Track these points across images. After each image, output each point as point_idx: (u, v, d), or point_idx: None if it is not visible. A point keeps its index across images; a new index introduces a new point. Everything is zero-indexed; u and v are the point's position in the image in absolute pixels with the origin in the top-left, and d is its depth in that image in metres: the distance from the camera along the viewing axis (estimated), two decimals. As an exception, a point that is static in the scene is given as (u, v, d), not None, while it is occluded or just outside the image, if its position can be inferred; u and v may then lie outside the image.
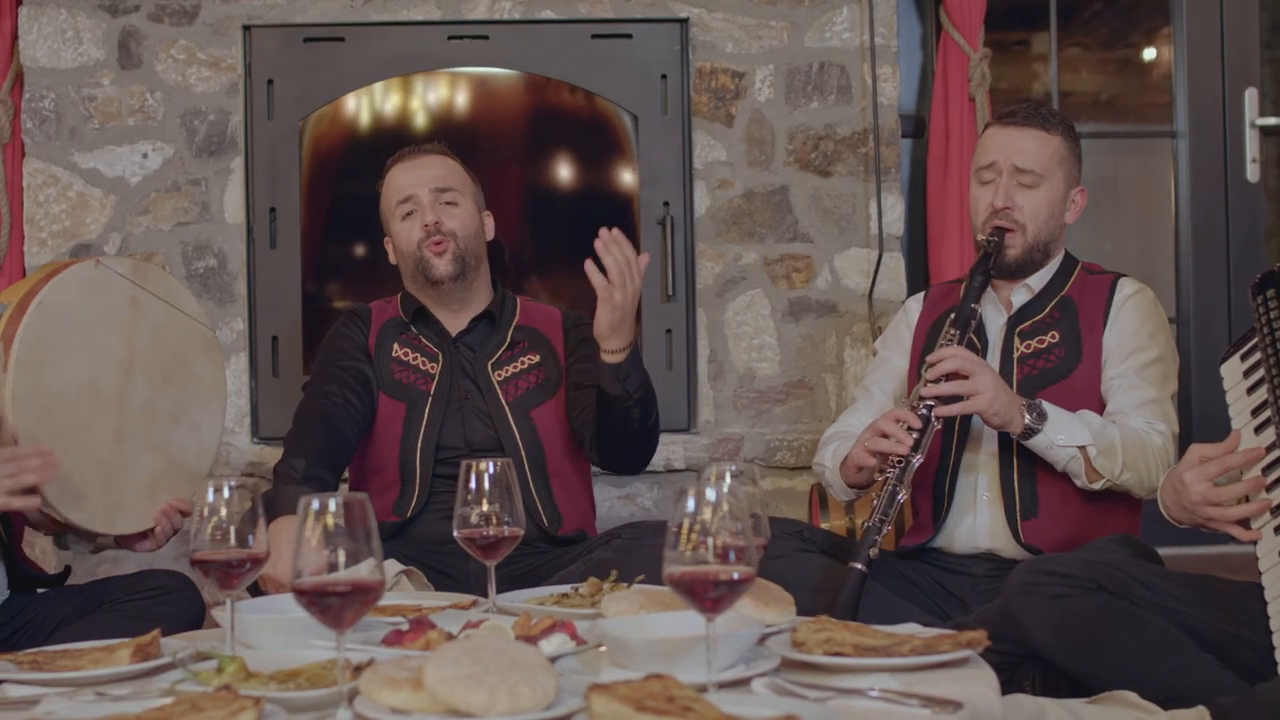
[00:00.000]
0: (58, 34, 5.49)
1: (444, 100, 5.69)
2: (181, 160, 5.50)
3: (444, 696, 2.18)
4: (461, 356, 4.19)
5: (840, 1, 5.57)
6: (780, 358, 5.57)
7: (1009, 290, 4.03)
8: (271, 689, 2.38)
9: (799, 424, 5.54)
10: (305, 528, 2.27)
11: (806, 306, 5.57)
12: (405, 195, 4.20)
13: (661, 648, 2.46)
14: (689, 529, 2.30)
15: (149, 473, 3.68)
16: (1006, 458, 3.88)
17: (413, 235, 4.17)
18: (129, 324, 3.65)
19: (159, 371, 3.71)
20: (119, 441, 3.61)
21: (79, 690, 2.53)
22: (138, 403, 3.66)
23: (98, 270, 3.62)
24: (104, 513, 3.59)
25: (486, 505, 3.00)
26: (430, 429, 4.10)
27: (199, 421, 3.82)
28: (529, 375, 4.18)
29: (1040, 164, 3.93)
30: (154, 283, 3.73)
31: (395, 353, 4.20)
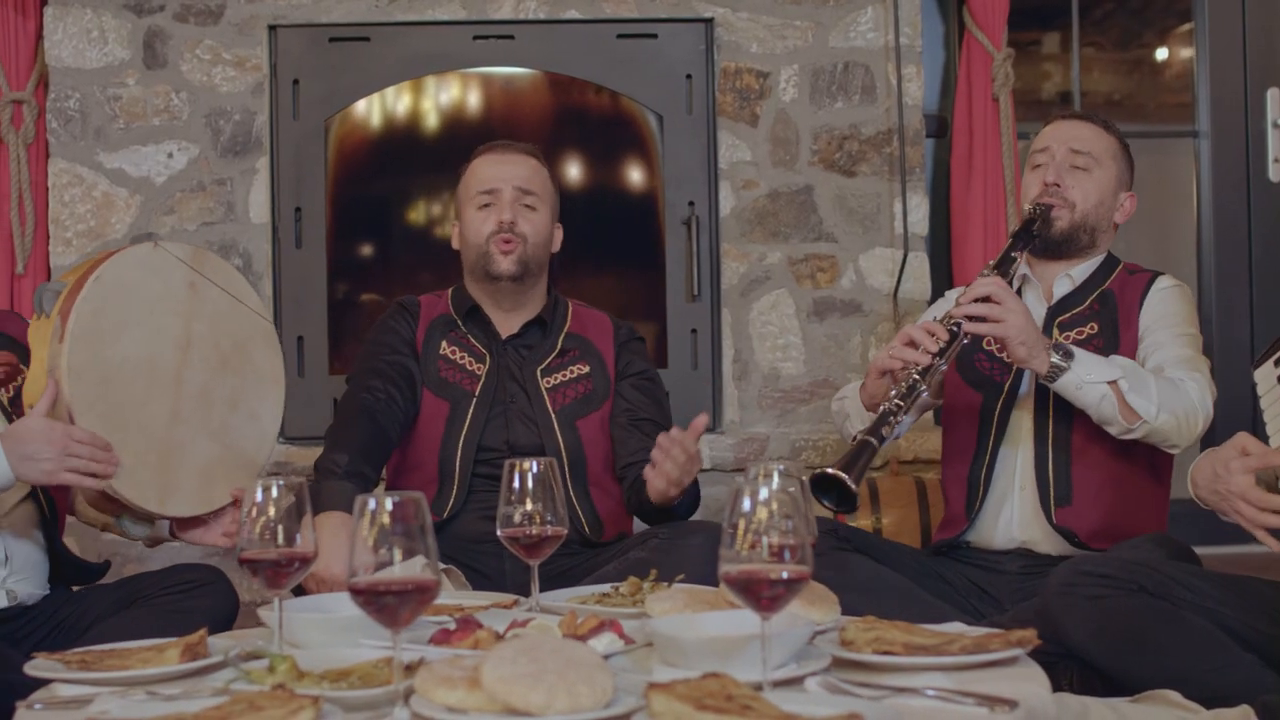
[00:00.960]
0: (83, 34, 5.50)
1: (469, 100, 5.69)
2: (206, 160, 5.50)
3: (502, 695, 2.18)
4: (510, 359, 4.17)
5: (864, 1, 5.57)
6: (805, 357, 5.57)
7: (1051, 279, 4.05)
8: (325, 688, 2.38)
9: (824, 424, 5.54)
10: (361, 526, 2.26)
11: (831, 306, 5.57)
12: (488, 187, 4.16)
13: (715, 646, 2.47)
14: (744, 529, 2.30)
15: (205, 457, 3.67)
16: (1042, 444, 3.88)
17: (484, 227, 4.14)
18: (187, 307, 3.65)
19: (217, 357, 3.71)
20: (175, 422, 3.61)
21: (130, 690, 2.52)
22: (195, 385, 3.66)
23: (156, 252, 3.63)
24: (157, 491, 3.58)
25: (530, 504, 3.00)
26: (473, 430, 4.08)
27: (258, 411, 3.81)
28: (577, 385, 4.17)
29: (1094, 148, 4.00)
30: (212, 271, 3.73)
31: (443, 350, 4.19)
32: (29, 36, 5.60)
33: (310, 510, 2.69)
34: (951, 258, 5.76)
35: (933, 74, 5.93)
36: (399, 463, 4.17)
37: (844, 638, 2.63)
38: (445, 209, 5.66)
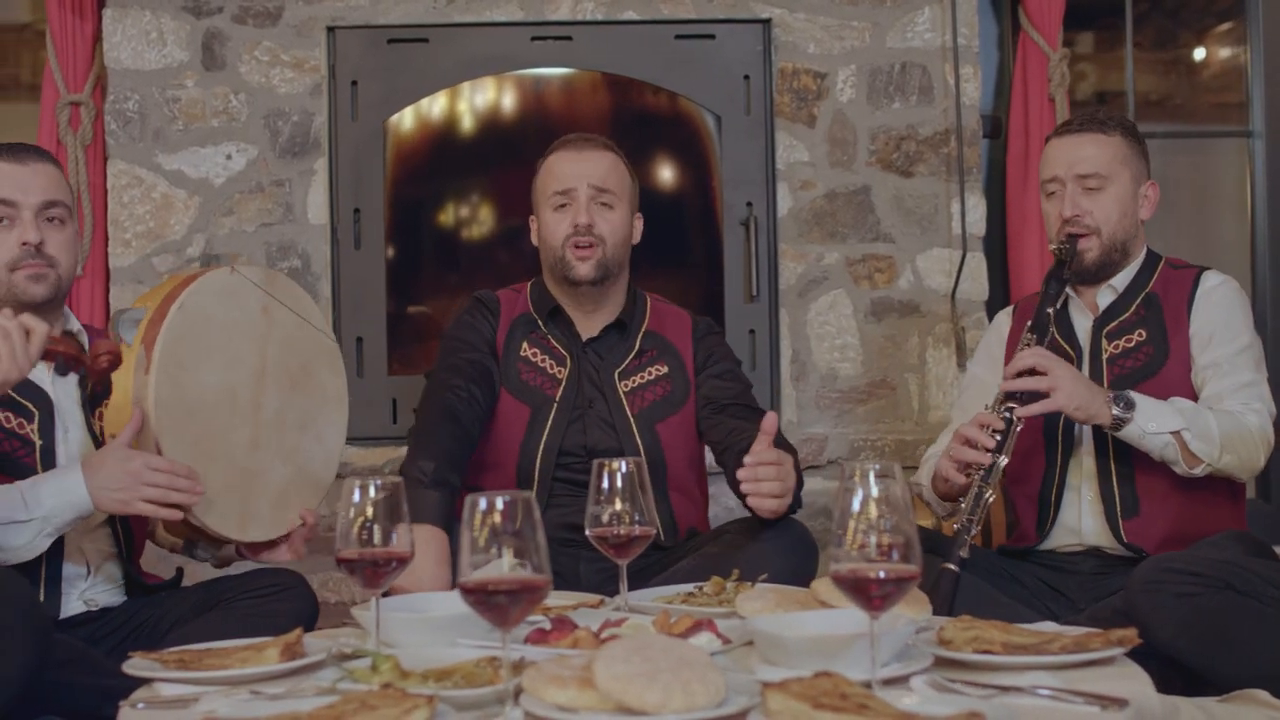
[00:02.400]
0: (142, 36, 5.51)
1: (527, 101, 5.69)
2: (265, 161, 5.52)
3: (617, 694, 2.18)
4: (589, 362, 4.13)
5: (922, 1, 5.57)
6: (862, 358, 5.57)
7: (1093, 293, 4.02)
8: (431, 688, 2.38)
9: (881, 424, 5.54)
10: (471, 526, 2.26)
11: (889, 307, 5.57)
12: (564, 187, 4.09)
13: (820, 645, 2.46)
14: (853, 528, 2.30)
15: (279, 481, 3.66)
16: (1104, 459, 3.86)
17: (560, 229, 4.07)
18: (262, 332, 3.64)
19: (287, 380, 3.70)
20: (254, 449, 3.60)
21: (233, 689, 2.53)
22: (270, 411, 3.64)
23: (233, 277, 3.61)
24: (238, 520, 3.57)
25: (619, 504, 2.99)
26: (553, 435, 4.04)
27: (324, 432, 3.80)
28: (656, 387, 4.12)
29: (1102, 165, 3.94)
30: (283, 292, 3.71)
31: (524, 352, 4.13)
32: (86, 39, 5.63)
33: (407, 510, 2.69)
34: (1007, 258, 5.74)
35: (987, 74, 5.92)
36: (475, 460, 4.08)
37: (942, 637, 2.63)
38: (503, 209, 5.67)
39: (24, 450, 3.50)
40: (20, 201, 3.56)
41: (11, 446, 3.48)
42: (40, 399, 3.55)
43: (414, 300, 5.72)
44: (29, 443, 3.51)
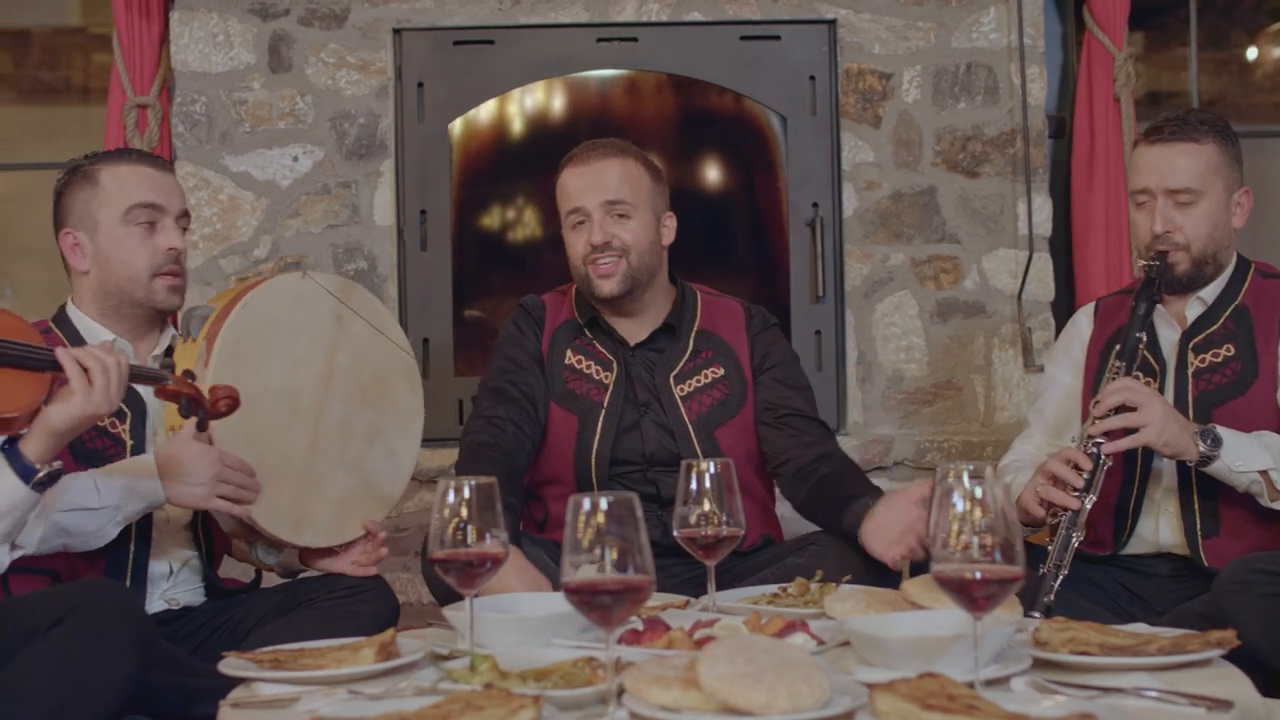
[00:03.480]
0: (209, 38, 5.54)
1: (592, 102, 5.70)
2: (331, 163, 5.54)
3: (723, 695, 2.18)
4: (640, 366, 4.06)
5: (987, 2, 5.56)
6: (928, 359, 5.56)
7: (1181, 304, 3.91)
8: (531, 687, 2.39)
9: (947, 425, 5.53)
10: (576, 527, 2.27)
11: (954, 307, 5.56)
12: (575, 205, 3.99)
13: (921, 646, 2.46)
14: (956, 530, 2.30)
15: (341, 489, 3.67)
16: (1186, 476, 3.78)
17: (578, 248, 3.99)
18: (332, 339, 3.65)
19: (358, 391, 3.71)
20: (313, 453, 3.62)
21: (331, 689, 2.53)
22: (334, 418, 3.66)
23: (304, 282, 3.62)
24: (292, 523, 3.58)
25: (707, 505, 2.99)
26: (604, 442, 3.98)
27: (395, 447, 3.80)
28: (713, 390, 4.03)
29: (1194, 179, 3.80)
30: (359, 303, 3.72)
31: (569, 359, 4.06)
32: (153, 41, 5.66)
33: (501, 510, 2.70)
34: (1073, 259, 5.72)
35: (1050, 74, 5.90)
36: (536, 475, 4.06)
37: (1038, 638, 2.62)
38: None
39: (114, 449, 3.52)
40: (166, 207, 3.57)
41: (102, 444, 3.50)
42: (134, 400, 3.56)
43: (480, 301, 5.74)
44: (120, 442, 3.53)
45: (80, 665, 2.81)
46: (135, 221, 3.54)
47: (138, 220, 3.54)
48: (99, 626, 2.86)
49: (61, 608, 2.86)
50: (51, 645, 2.82)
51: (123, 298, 3.55)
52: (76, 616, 2.85)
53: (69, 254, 3.60)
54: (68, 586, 3.06)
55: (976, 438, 5.41)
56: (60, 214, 3.62)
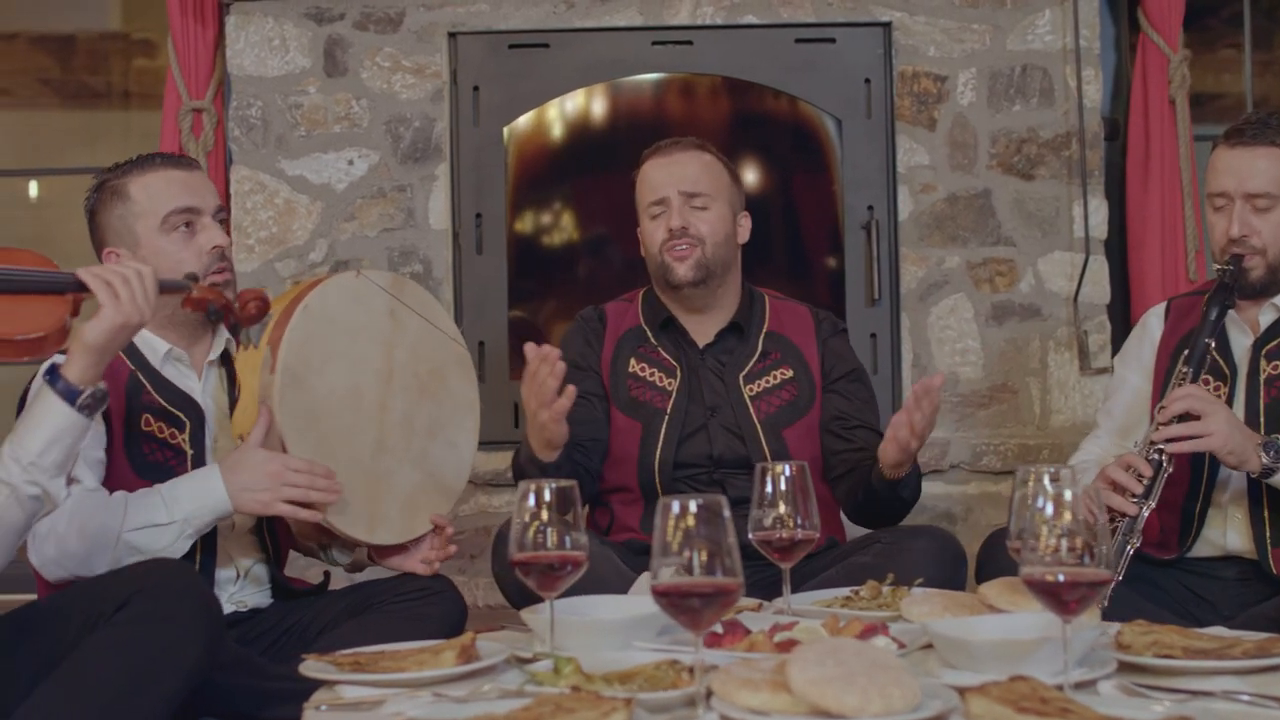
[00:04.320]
0: (264, 43, 5.56)
1: (647, 105, 5.70)
2: (387, 167, 5.55)
3: (814, 698, 2.18)
4: (709, 367, 4.09)
5: (1042, 4, 5.54)
6: (984, 362, 5.54)
7: (1255, 310, 3.87)
8: (617, 690, 2.39)
9: (1003, 428, 5.52)
10: (664, 530, 2.27)
11: (1010, 310, 5.54)
12: (657, 196, 4.08)
13: (1007, 649, 2.46)
14: (1046, 533, 2.30)
15: (408, 485, 3.68)
16: (1255, 483, 3.73)
17: (657, 236, 4.06)
18: (388, 336, 3.66)
19: (416, 385, 3.72)
20: (380, 451, 3.63)
21: (414, 691, 2.54)
22: (397, 414, 3.67)
23: (359, 281, 3.63)
24: (366, 522, 3.59)
25: (783, 508, 2.99)
26: (667, 449, 4.01)
27: (455, 438, 3.81)
28: (782, 391, 4.08)
29: (1274, 184, 3.76)
30: (411, 297, 3.73)
31: (632, 368, 4.11)
32: (208, 45, 5.68)
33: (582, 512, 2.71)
34: (1128, 262, 5.70)
35: (1104, 76, 5.87)
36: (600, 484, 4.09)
37: (1121, 641, 2.62)
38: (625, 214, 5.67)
39: (176, 460, 3.51)
40: (202, 206, 3.56)
41: (164, 456, 3.49)
42: (191, 409, 3.56)
43: (536, 304, 5.74)
44: (180, 452, 3.52)
45: (148, 648, 2.81)
46: (174, 228, 3.51)
47: (176, 226, 3.51)
48: (166, 608, 2.85)
49: (127, 590, 2.86)
50: (118, 629, 2.81)
51: (175, 306, 3.54)
52: (143, 599, 2.84)
53: None
54: (133, 569, 3.04)
55: (1032, 441, 5.40)
56: (98, 233, 3.59)
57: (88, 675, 2.78)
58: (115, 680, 2.78)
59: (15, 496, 2.95)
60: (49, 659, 2.82)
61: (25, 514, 2.98)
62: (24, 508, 2.97)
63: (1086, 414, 5.44)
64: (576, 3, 5.56)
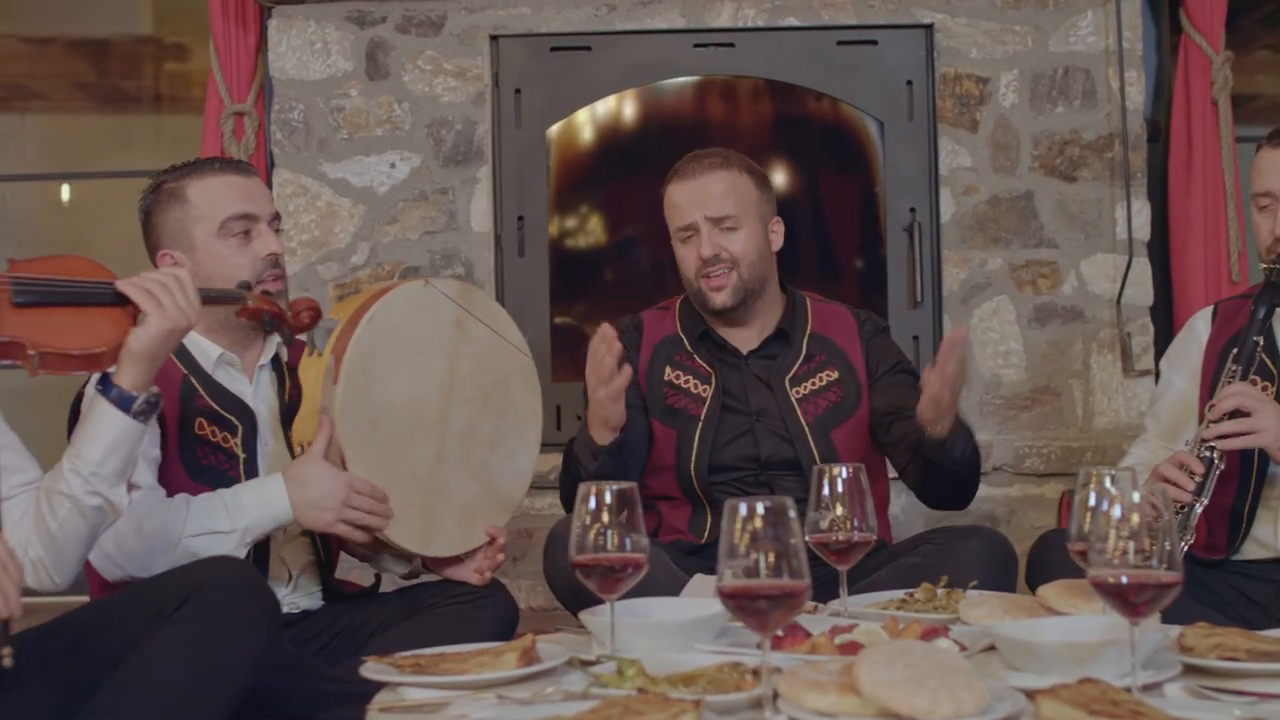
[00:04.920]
0: (306, 46, 5.57)
1: (689, 108, 5.71)
2: (429, 170, 5.56)
3: (884, 700, 2.17)
4: (754, 372, 4.08)
5: (1084, 5, 5.53)
6: (1026, 364, 5.53)
7: None
8: (682, 692, 2.38)
9: (1046, 430, 5.50)
10: (731, 533, 2.27)
11: (1052, 312, 5.53)
12: (684, 222, 4.03)
13: (1074, 652, 2.45)
14: (1115, 535, 2.30)
15: (465, 497, 3.66)
16: None
17: (689, 262, 4.03)
18: (453, 346, 3.64)
19: (479, 396, 3.70)
20: (439, 463, 3.61)
21: (477, 693, 2.53)
22: (458, 425, 3.65)
23: (426, 290, 3.61)
24: (421, 534, 3.58)
25: (839, 510, 2.99)
26: (702, 454, 4.00)
27: (515, 450, 3.79)
28: (828, 393, 4.06)
29: None
30: (478, 307, 3.71)
31: (667, 376, 4.09)
32: (249, 49, 5.70)
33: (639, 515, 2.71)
34: (1170, 264, 5.69)
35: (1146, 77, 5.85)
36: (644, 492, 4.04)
37: (1184, 644, 2.61)
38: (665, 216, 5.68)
39: (229, 464, 3.51)
40: (259, 214, 3.56)
41: (217, 460, 3.50)
42: (243, 413, 3.56)
43: (578, 307, 5.74)
44: (233, 456, 3.52)
45: (209, 646, 2.80)
46: (230, 234, 3.51)
47: (233, 232, 3.51)
48: (226, 606, 2.85)
49: (187, 588, 2.85)
50: (179, 627, 2.81)
51: (229, 311, 3.54)
52: (202, 596, 2.84)
53: None
54: (193, 567, 3.03)
55: (1076, 443, 5.38)
56: (153, 235, 3.58)
57: (150, 675, 2.78)
58: (178, 678, 2.78)
59: (78, 508, 2.95)
60: (110, 659, 2.82)
61: (89, 525, 2.98)
62: (87, 519, 2.97)
63: (1129, 416, 5.43)
64: (618, 5, 5.56)
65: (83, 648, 2.85)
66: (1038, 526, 5.19)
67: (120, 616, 2.87)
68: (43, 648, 2.80)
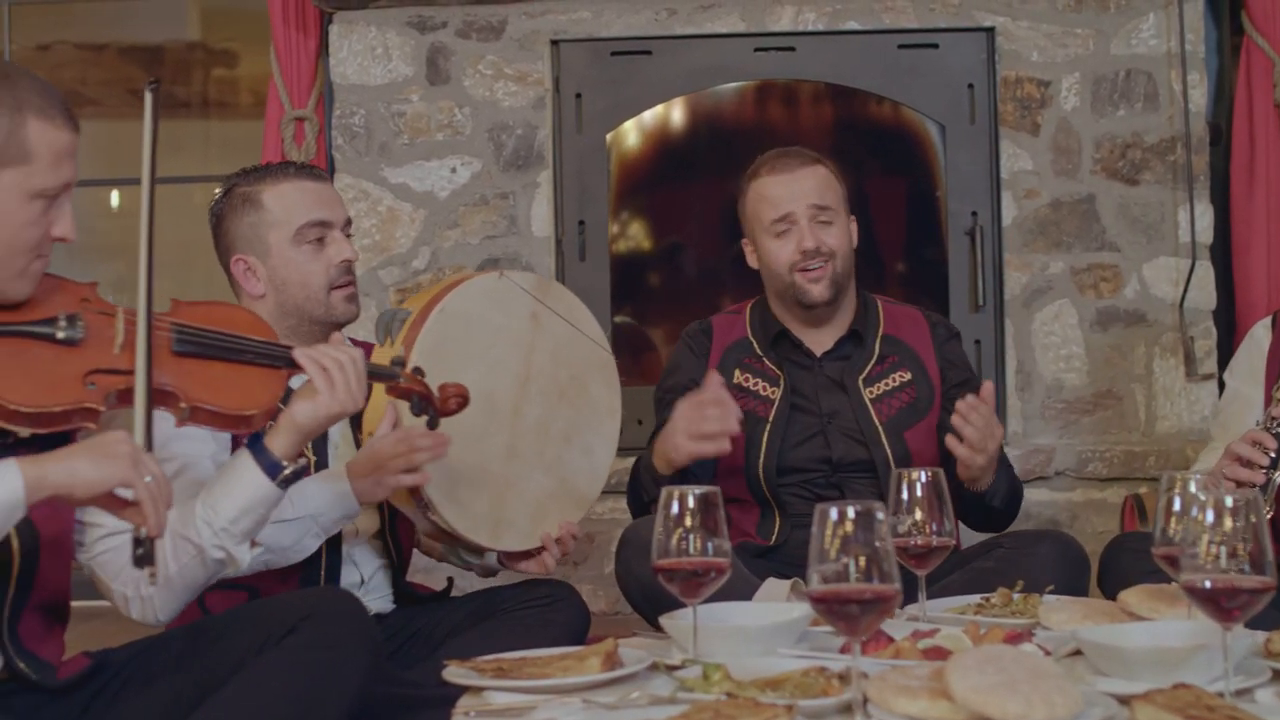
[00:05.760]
0: (367, 51, 5.59)
1: (750, 111, 5.71)
2: (489, 174, 5.57)
3: (977, 705, 2.16)
4: (827, 374, 4.07)
5: (1146, 8, 5.52)
6: (1088, 368, 5.52)
7: None
8: (769, 697, 2.38)
9: (1108, 435, 5.49)
10: (822, 538, 2.26)
11: (1114, 316, 5.52)
12: (782, 212, 3.99)
13: (1164, 657, 2.44)
14: (1207, 540, 2.28)
15: (539, 492, 3.64)
16: None
17: (784, 256, 4.00)
18: (529, 339, 3.62)
19: (555, 390, 3.67)
20: (511, 456, 3.58)
21: (563, 698, 2.53)
22: (531, 419, 3.62)
23: (501, 282, 3.59)
24: (491, 527, 3.55)
25: (918, 514, 2.98)
26: (770, 456, 3.98)
27: (592, 445, 3.75)
28: (901, 394, 4.05)
29: None
30: (556, 300, 3.69)
31: (736, 379, 4.07)
32: (310, 55, 5.72)
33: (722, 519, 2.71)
34: (1232, 267, 5.66)
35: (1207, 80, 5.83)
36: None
37: (1271, 649, 2.59)
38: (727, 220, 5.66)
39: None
40: (334, 220, 3.57)
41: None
42: None
43: (639, 312, 5.75)
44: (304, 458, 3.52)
45: (316, 674, 2.81)
46: (306, 240, 3.52)
47: (308, 238, 3.52)
48: (333, 635, 2.84)
49: (294, 616, 2.85)
50: (286, 653, 2.80)
51: (302, 316, 3.53)
52: (311, 625, 2.84)
53: (242, 280, 3.57)
54: (298, 595, 3.04)
55: (1138, 448, 5.36)
56: (225, 240, 3.59)
57: (255, 697, 2.77)
58: (282, 704, 2.77)
59: (201, 558, 2.96)
60: (215, 677, 2.83)
61: (207, 574, 3.00)
62: (207, 569, 2.98)
63: (1192, 420, 5.41)
64: (679, 9, 5.56)
65: (188, 664, 2.86)
66: (1100, 531, 5.18)
67: (228, 637, 2.87)
68: (152, 657, 2.82)
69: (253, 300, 3.57)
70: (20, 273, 2.72)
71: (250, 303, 3.57)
